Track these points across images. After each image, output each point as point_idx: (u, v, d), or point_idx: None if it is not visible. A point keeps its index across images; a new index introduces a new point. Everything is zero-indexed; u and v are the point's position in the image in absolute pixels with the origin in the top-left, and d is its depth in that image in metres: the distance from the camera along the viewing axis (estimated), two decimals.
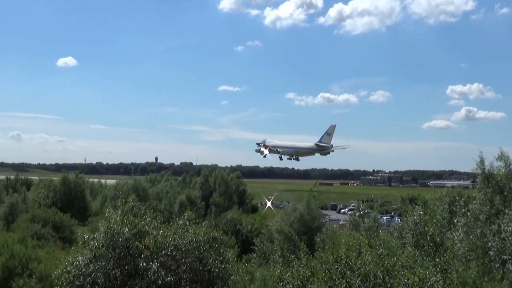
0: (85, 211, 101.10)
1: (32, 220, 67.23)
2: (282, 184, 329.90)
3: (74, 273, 30.31)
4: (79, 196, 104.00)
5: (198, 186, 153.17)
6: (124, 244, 30.04)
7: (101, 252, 30.18)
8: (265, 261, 53.58)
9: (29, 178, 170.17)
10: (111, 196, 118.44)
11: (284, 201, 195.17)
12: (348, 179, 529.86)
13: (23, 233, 53.02)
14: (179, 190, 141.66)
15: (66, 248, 56.64)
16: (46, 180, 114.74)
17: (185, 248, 30.48)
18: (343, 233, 48.33)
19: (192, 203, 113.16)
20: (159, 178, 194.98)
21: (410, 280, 22.79)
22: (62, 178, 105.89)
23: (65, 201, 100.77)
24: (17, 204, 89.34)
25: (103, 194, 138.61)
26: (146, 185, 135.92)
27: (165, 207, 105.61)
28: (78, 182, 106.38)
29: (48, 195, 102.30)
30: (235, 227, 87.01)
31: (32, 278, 41.81)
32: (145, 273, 29.39)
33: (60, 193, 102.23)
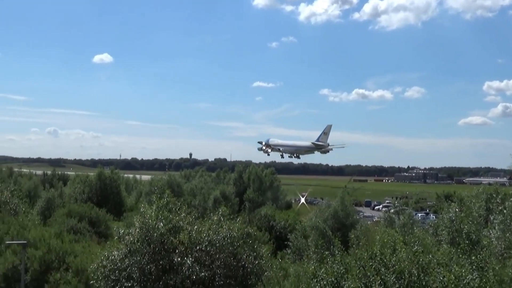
0: (120, 207, 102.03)
1: (68, 215, 68.02)
2: (316, 180, 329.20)
3: (109, 268, 30.64)
4: (114, 191, 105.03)
5: (232, 182, 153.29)
6: (159, 239, 30.24)
7: (136, 247, 30.43)
8: (299, 257, 53.45)
9: (65, 174, 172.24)
10: (146, 192, 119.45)
11: (318, 197, 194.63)
12: (383, 175, 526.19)
13: (60, 228, 53.70)
14: (213, 186, 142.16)
15: (101, 242, 57.19)
16: (82, 175, 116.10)
17: (219, 244, 30.57)
18: (377, 229, 48.00)
19: (226, 199, 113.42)
20: (193, 174, 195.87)
21: (445, 278, 22.53)
22: (98, 174, 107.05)
23: (100, 196, 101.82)
24: (54, 199, 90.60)
25: (138, 189, 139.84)
26: (181, 181, 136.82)
27: (199, 203, 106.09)
28: (114, 177, 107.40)
29: (84, 191, 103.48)
30: (269, 223, 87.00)
31: (68, 272, 42.31)
32: (180, 268, 29.57)
33: (96, 189, 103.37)
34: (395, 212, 66.89)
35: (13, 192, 64.64)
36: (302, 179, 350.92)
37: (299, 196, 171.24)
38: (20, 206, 62.32)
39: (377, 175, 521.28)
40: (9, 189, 64.52)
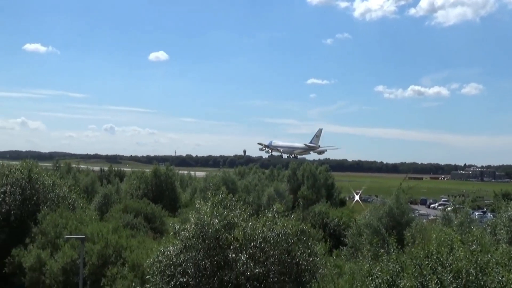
0: (175, 203, 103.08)
1: (125, 210, 69.01)
2: (370, 178, 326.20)
3: (165, 263, 30.96)
4: (169, 187, 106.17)
5: (286, 179, 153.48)
6: (214, 236, 30.42)
7: (192, 243, 30.68)
8: (354, 255, 53.11)
9: (122, 170, 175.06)
10: (200, 188, 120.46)
11: (372, 195, 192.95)
12: (438, 173, 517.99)
13: (117, 223, 54.49)
14: (267, 183, 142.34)
15: (157, 238, 57.86)
16: (138, 172, 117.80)
17: (274, 240, 30.58)
18: (433, 228, 47.30)
19: (280, 196, 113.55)
20: (247, 171, 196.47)
21: (504, 278, 22.02)
22: (153, 170, 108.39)
23: (156, 192, 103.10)
24: (111, 195, 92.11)
25: (193, 186, 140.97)
26: (235, 178, 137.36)
27: (253, 200, 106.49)
28: (169, 174, 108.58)
29: (140, 187, 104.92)
30: (323, 221, 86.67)
31: (124, 267, 42.87)
32: (234, 264, 29.68)
33: (151, 185, 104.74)
34: (452, 210, 65.74)
35: (71, 187, 65.98)
36: (356, 177, 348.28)
37: (353, 193, 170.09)
38: (78, 201, 63.49)
39: (432, 173, 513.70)
40: (68, 184, 65.85)
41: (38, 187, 60.87)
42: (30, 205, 59.27)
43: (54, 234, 51.33)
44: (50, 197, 60.82)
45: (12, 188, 59.78)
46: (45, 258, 48.57)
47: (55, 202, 60.01)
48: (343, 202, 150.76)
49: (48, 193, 61.10)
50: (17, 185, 60.09)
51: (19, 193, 59.62)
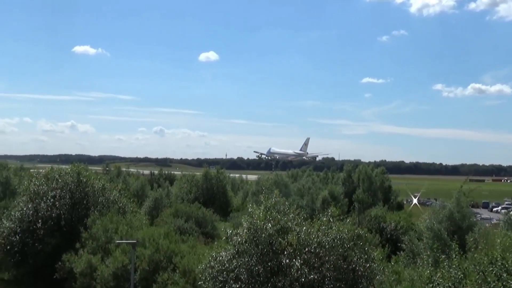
0: (227, 207, 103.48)
1: (175, 214, 69.62)
2: (429, 180, 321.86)
3: (217, 268, 31.08)
4: (220, 191, 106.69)
5: (340, 182, 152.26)
6: (267, 240, 30.40)
7: (244, 248, 30.74)
8: (413, 261, 52.37)
9: (172, 173, 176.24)
10: (252, 192, 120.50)
11: (431, 198, 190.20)
12: (501, 175, 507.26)
13: (168, 228, 54.97)
14: (321, 186, 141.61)
15: (208, 243, 58.21)
16: (189, 175, 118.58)
17: (329, 246, 30.39)
18: (497, 232, 46.38)
19: (335, 199, 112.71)
20: (300, 174, 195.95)
21: None
22: (204, 173, 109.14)
23: (207, 196, 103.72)
24: (161, 199, 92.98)
25: (245, 189, 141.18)
26: (288, 181, 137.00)
27: (307, 203, 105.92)
28: (220, 177, 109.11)
29: (191, 190, 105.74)
30: (379, 225, 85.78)
31: (175, 273, 43.20)
32: (288, 270, 29.60)
33: (202, 189, 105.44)
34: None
35: (121, 191, 66.73)
36: (414, 179, 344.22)
37: (411, 196, 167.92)
38: (128, 205, 64.12)
39: (495, 175, 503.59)
40: (118, 188, 66.64)
41: (87, 191, 61.78)
42: (80, 210, 60.17)
43: (104, 239, 52.05)
44: (100, 201, 61.62)
45: (62, 192, 60.81)
46: (95, 263, 49.29)
47: (105, 206, 60.77)
48: (401, 206, 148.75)
49: (98, 197, 61.93)
50: (67, 189, 61.08)
51: (69, 197, 60.58)
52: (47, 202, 60.14)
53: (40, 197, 61.11)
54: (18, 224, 59.56)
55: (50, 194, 60.88)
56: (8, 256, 59.46)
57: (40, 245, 57.83)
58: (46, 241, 57.82)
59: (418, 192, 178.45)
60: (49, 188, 61.60)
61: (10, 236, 59.14)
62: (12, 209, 62.42)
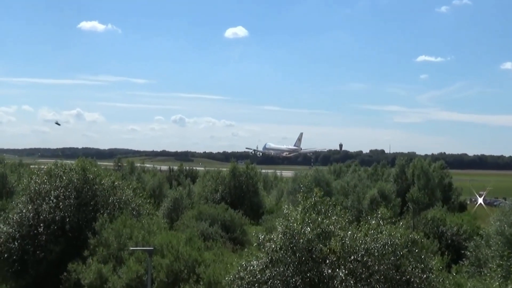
0: (258, 208, 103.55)
1: (198, 217, 69.96)
2: (496, 176, 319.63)
3: (247, 280, 31.15)
4: (251, 190, 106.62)
5: (392, 178, 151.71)
6: (306, 247, 30.41)
7: (279, 256, 30.78)
8: (478, 271, 52.10)
9: (194, 169, 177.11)
10: (288, 190, 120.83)
11: (499, 197, 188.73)
12: None
13: (189, 233, 55.21)
14: (369, 184, 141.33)
15: (237, 250, 58.32)
16: (214, 171, 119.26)
17: (379, 253, 30.33)
18: None
19: (385, 199, 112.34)
20: (344, 169, 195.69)
21: None
22: (231, 169, 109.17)
23: (235, 196, 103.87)
24: (182, 199, 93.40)
25: (279, 187, 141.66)
26: (330, 177, 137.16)
27: (353, 204, 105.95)
28: (250, 173, 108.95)
29: (216, 189, 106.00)
30: (438, 229, 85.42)
31: (199, 284, 43.39)
32: (331, 282, 29.59)
33: (229, 187, 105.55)
34: None
35: (135, 190, 67.01)
36: (479, 175, 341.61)
37: (475, 195, 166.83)
38: (143, 207, 64.38)
39: None
40: (132, 187, 66.93)
41: (96, 190, 62.01)
42: (87, 212, 60.49)
43: (116, 246, 52.40)
44: (111, 202, 61.87)
45: (66, 191, 61.18)
46: (106, 273, 49.63)
47: (117, 208, 61.05)
48: (463, 207, 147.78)
49: (108, 197, 62.21)
50: (72, 188, 61.42)
51: (75, 197, 60.86)
52: (50, 203, 60.56)
53: (41, 197, 61.56)
54: (16, 229, 60.02)
55: (53, 193, 61.32)
56: (5, 265, 59.85)
57: (42, 252, 58.26)
58: (49, 248, 58.23)
59: (483, 190, 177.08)
60: (52, 187, 62.03)
61: (8, 243, 59.59)
62: (9, 212, 62.95)
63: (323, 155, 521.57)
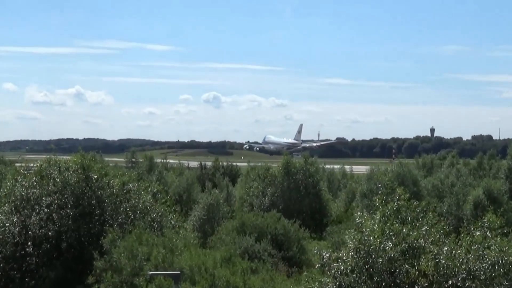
0: (322, 216, 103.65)
1: (240, 230, 70.06)
2: None
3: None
4: (311, 192, 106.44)
5: (503, 174, 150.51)
6: (387, 268, 30.37)
7: (350, 281, 30.78)
8: None
9: (234, 165, 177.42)
10: (362, 192, 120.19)
11: None
12: None
13: (228, 251, 55.33)
14: (471, 181, 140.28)
15: (293, 274, 58.33)
16: (260, 167, 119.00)
17: (486, 276, 30.21)
18: None
19: (495, 202, 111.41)
20: (437, 162, 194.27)
21: None
22: (284, 165, 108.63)
23: (289, 200, 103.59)
24: (218, 206, 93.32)
25: (349, 188, 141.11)
26: (418, 174, 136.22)
27: (450, 209, 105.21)
28: (310, 170, 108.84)
29: (264, 192, 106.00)
30: None
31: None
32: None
33: (282, 188, 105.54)
34: None
35: (156, 195, 67.31)
36: None
37: None
38: (167, 217, 64.68)
39: None
40: (150, 190, 67.24)
41: (102, 194, 62.33)
42: (91, 225, 60.88)
43: (130, 270, 52.67)
44: (122, 211, 62.16)
45: (63, 198, 61.51)
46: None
47: (131, 219, 61.37)
48: None
49: (118, 204, 62.51)
50: (70, 193, 61.72)
51: (73, 204, 61.16)
52: (41, 213, 61.02)
53: (30, 206, 62.02)
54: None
55: (45, 201, 61.74)
56: None
57: (33, 280, 58.82)
58: (41, 274, 58.78)
59: None
60: (43, 192, 62.45)
61: None
62: None
63: (409, 143, 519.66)
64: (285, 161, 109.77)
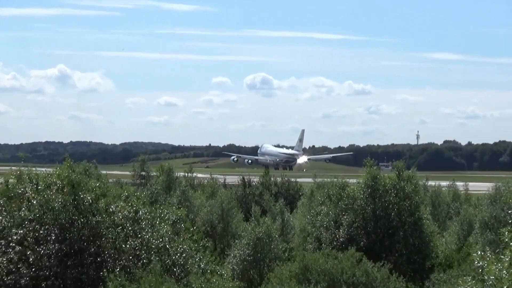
0: (423, 257, 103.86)
1: (303, 277, 70.61)
2: None
3: None
4: (407, 221, 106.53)
5: None
6: None
7: None
8: None
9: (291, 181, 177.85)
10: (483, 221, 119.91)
11: None
12: None
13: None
14: None
15: None
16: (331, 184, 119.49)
17: None
18: None
19: None
20: None
21: None
22: (367, 181, 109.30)
23: (375, 233, 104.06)
24: (269, 241, 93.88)
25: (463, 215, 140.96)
26: None
27: None
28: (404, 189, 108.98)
29: (338, 220, 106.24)
30: None
31: None
32: None
33: (364, 216, 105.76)
34: None
35: (177, 225, 67.77)
36: None
37: None
38: (193, 257, 65.10)
39: None
40: (169, 218, 67.64)
41: (99, 224, 62.71)
42: (82, 268, 61.32)
43: None
44: (130, 248, 62.67)
45: (40, 228, 61.97)
46: None
47: (141, 260, 61.81)
48: None
49: (124, 238, 63.04)
50: (52, 220, 62.10)
51: (56, 238, 61.56)
52: (9, 252, 61.57)
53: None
54: None
55: (15, 234, 62.27)
56: None
57: None
58: None
59: None
60: (11, 221, 63.00)
61: None
62: None
63: None
64: (370, 175, 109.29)
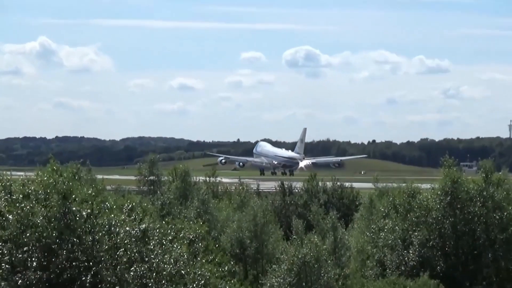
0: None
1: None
2: None
3: None
4: (497, 238, 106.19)
5: None
6: None
7: None
8: None
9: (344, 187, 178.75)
10: None
11: None
12: None
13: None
14: None
15: None
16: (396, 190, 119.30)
17: None
18: None
19: None
20: None
21: None
22: (445, 185, 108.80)
23: (456, 252, 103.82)
24: (318, 266, 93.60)
25: None
26: None
27: None
28: (493, 195, 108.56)
29: (406, 238, 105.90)
30: None
31: None
32: None
33: (441, 231, 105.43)
34: None
35: (196, 243, 67.36)
36: None
37: None
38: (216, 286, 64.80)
39: None
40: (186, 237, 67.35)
41: (97, 243, 62.31)
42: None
43: None
44: (135, 277, 62.19)
45: (18, 250, 61.52)
46: None
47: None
48: None
49: (126, 263, 62.60)
50: (33, 240, 61.62)
51: (38, 263, 61.18)
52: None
53: None
54: None
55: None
56: None
57: None
58: None
59: None
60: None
61: None
62: None
63: None
64: (449, 179, 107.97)
